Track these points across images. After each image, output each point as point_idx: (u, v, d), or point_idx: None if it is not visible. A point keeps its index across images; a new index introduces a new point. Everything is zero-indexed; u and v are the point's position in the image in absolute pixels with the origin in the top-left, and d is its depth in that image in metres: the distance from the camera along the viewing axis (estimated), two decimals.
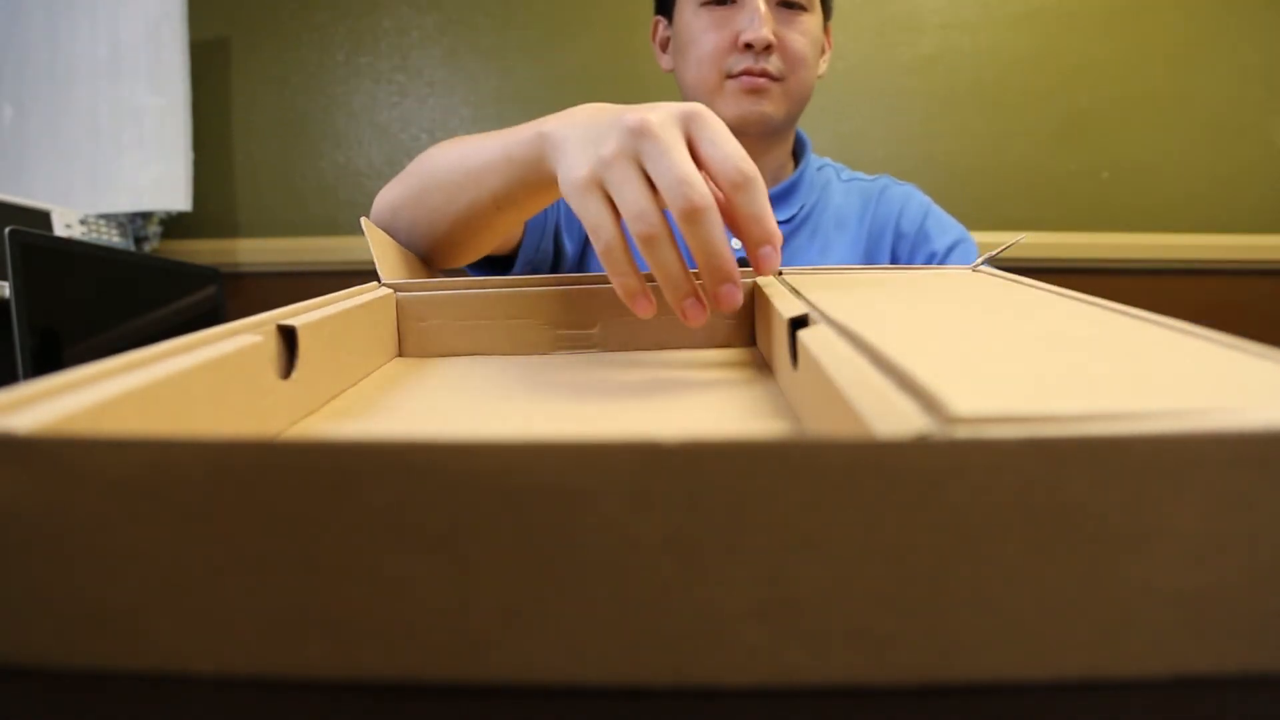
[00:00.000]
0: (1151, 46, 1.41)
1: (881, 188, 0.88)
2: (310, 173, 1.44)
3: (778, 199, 0.85)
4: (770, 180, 0.87)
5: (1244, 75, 1.41)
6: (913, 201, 0.87)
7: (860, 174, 0.92)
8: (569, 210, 0.81)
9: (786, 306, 0.35)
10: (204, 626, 0.15)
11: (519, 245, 0.76)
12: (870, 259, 0.85)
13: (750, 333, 0.47)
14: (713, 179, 0.37)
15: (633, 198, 0.37)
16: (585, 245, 0.83)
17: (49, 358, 0.84)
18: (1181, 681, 0.15)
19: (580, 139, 0.41)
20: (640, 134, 0.37)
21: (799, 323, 0.32)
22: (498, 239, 0.62)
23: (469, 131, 0.65)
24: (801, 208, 0.86)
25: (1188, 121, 1.41)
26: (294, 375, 0.32)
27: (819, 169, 0.90)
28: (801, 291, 0.38)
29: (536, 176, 0.48)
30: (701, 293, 0.39)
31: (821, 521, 0.14)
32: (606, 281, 0.47)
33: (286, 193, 1.45)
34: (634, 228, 0.37)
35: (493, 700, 0.15)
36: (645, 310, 0.40)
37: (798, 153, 0.90)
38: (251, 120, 1.44)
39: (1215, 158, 1.41)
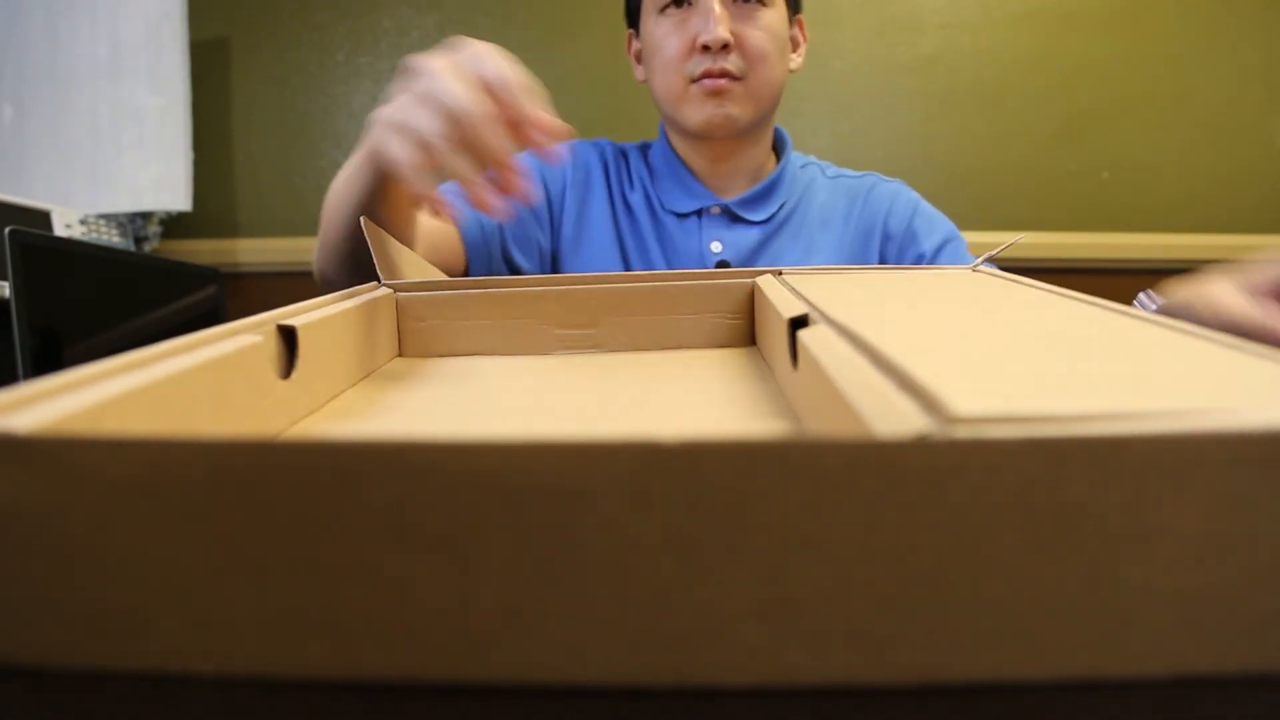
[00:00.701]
0: (1151, 46, 1.41)
1: (869, 186, 0.87)
2: (310, 173, 1.44)
3: (757, 198, 0.84)
4: (750, 180, 0.86)
5: (1244, 75, 1.41)
6: (900, 200, 0.85)
7: (847, 170, 0.90)
8: (517, 228, 0.82)
9: (786, 306, 0.35)
10: (204, 626, 0.15)
11: (466, 270, 0.77)
12: (857, 259, 0.84)
13: (750, 333, 0.47)
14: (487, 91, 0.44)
15: (420, 124, 0.44)
16: (542, 261, 0.85)
17: (49, 358, 0.83)
18: (1181, 681, 0.15)
19: (385, 109, 0.48)
20: (412, 73, 0.45)
21: (799, 323, 0.32)
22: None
23: None
24: (782, 206, 0.84)
25: (1188, 121, 1.41)
26: (294, 375, 0.32)
27: (802, 167, 0.89)
28: (801, 291, 0.38)
29: (369, 161, 0.53)
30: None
31: (821, 521, 0.14)
32: (607, 281, 0.47)
33: (286, 193, 1.44)
34: (423, 140, 0.43)
35: (493, 700, 0.15)
36: (424, 199, 0.45)
37: (779, 150, 0.89)
38: (251, 120, 1.44)
39: (1215, 158, 1.41)
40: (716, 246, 0.83)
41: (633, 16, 0.87)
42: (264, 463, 0.14)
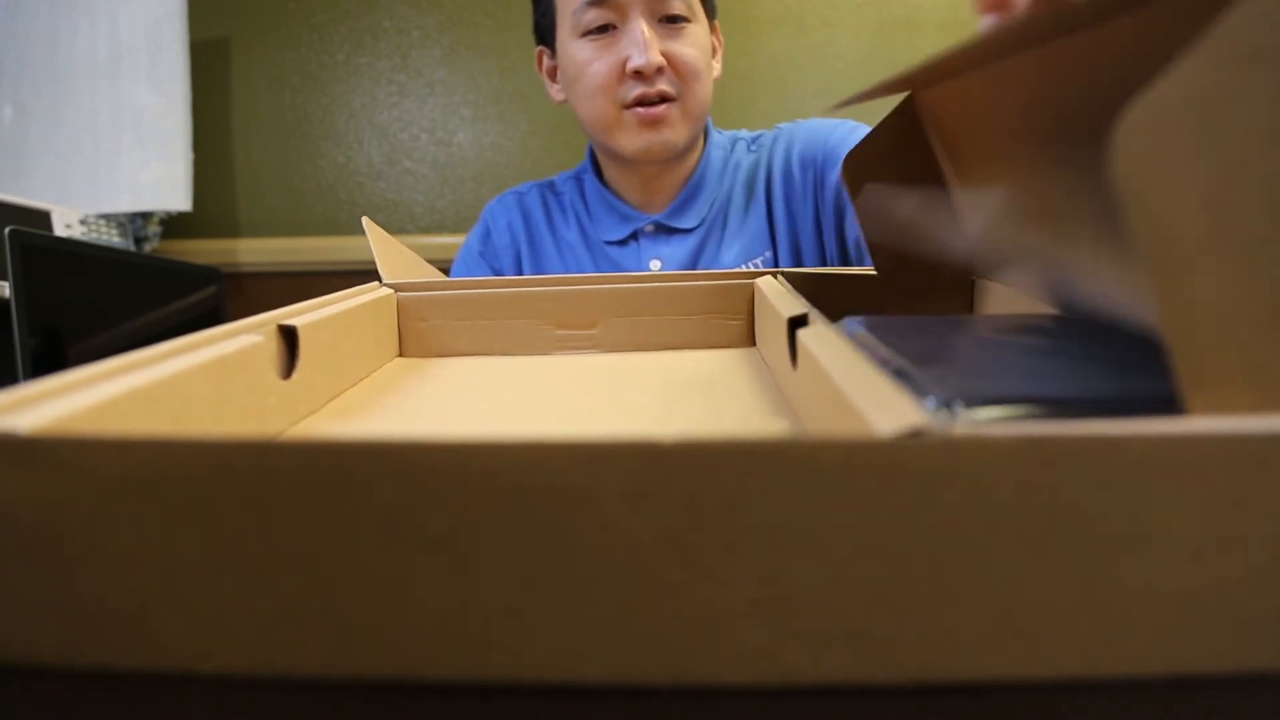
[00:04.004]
0: None
1: (772, 141, 0.85)
2: (310, 173, 1.44)
3: (685, 204, 0.83)
4: (679, 185, 0.84)
5: None
6: (795, 146, 0.83)
7: (764, 133, 0.88)
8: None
9: (786, 306, 0.35)
10: (204, 626, 0.15)
11: None
12: (784, 219, 0.82)
13: (750, 333, 0.47)
14: None
15: None
16: None
17: (49, 358, 0.83)
18: (1180, 681, 0.15)
19: None
20: None
21: (798, 322, 0.32)
22: None
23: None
24: (712, 203, 0.83)
25: None
26: (295, 375, 0.32)
27: (732, 147, 0.87)
28: (802, 292, 0.38)
29: None
30: None
31: (819, 521, 0.14)
32: (607, 282, 0.47)
33: (286, 193, 1.44)
34: None
35: (492, 699, 0.15)
36: None
37: (705, 138, 0.87)
38: (251, 120, 1.44)
39: None
40: (655, 264, 0.83)
41: (543, 34, 0.84)
42: (264, 463, 0.14)
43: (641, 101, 0.76)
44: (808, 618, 0.15)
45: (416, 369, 0.44)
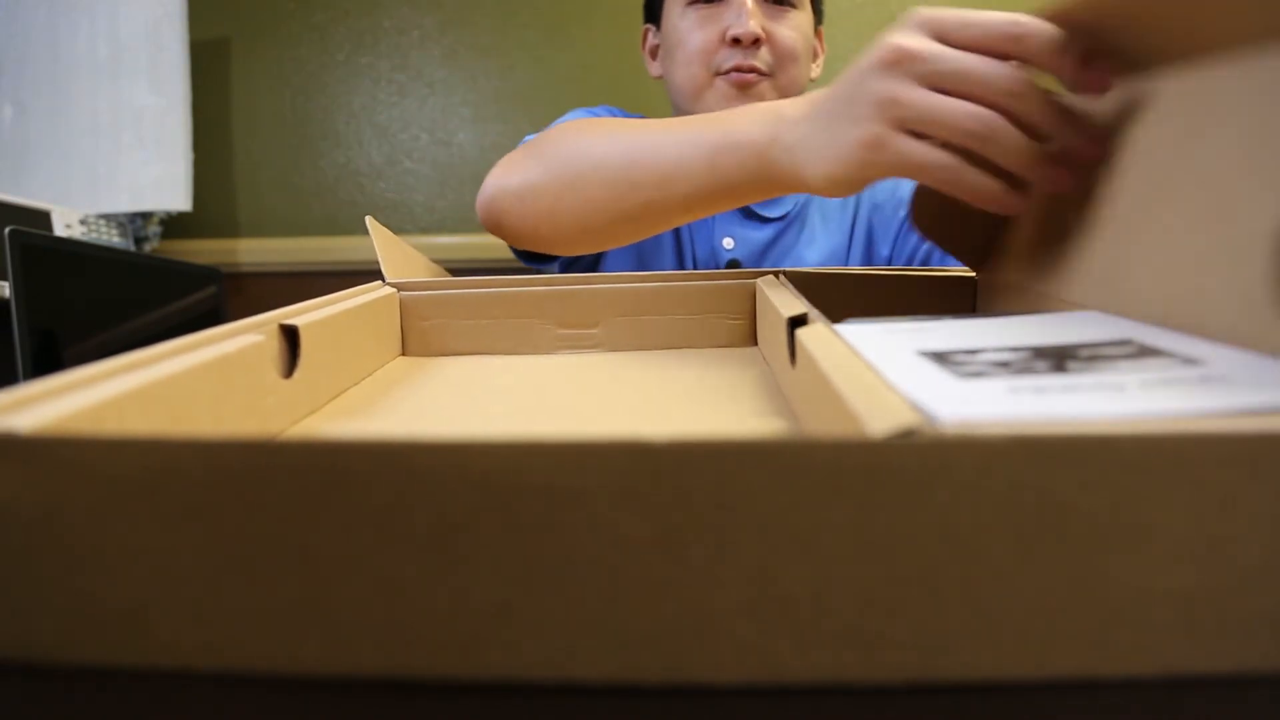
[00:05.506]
0: None
1: None
2: (310, 173, 1.44)
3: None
4: None
5: None
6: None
7: None
8: None
9: (786, 306, 0.35)
10: (202, 623, 0.15)
11: None
12: (860, 242, 0.83)
13: (751, 333, 0.47)
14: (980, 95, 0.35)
15: (944, 110, 0.36)
16: None
17: (49, 358, 0.84)
18: (1173, 681, 0.15)
19: (819, 133, 0.41)
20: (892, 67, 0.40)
21: (798, 321, 0.32)
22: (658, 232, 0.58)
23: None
24: (798, 201, 0.84)
25: None
26: (296, 375, 0.32)
27: None
28: (802, 292, 0.39)
29: (760, 185, 0.46)
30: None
31: (810, 520, 0.14)
32: (609, 282, 0.47)
33: (286, 193, 1.45)
34: (970, 135, 0.35)
35: (485, 697, 0.16)
36: (1021, 207, 0.36)
37: None
38: (251, 120, 1.44)
39: None
40: (728, 243, 0.82)
41: (652, 11, 0.87)
42: (264, 462, 0.15)
43: (735, 71, 0.77)
44: (799, 617, 0.15)
45: (419, 368, 0.44)
